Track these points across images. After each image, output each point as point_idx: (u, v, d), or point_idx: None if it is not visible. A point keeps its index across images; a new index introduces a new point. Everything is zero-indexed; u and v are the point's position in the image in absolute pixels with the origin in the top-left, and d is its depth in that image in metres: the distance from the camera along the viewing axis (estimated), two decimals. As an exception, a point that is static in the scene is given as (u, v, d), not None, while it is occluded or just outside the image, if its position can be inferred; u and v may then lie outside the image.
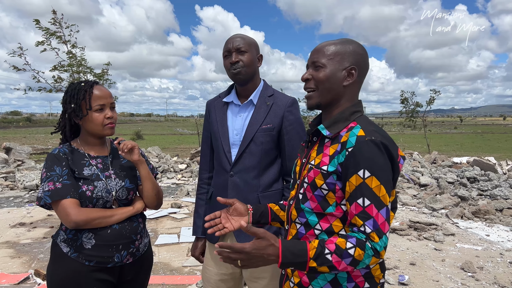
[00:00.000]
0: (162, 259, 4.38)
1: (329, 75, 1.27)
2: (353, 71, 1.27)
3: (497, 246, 4.89)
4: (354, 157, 1.15)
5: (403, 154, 1.28)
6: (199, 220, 2.00)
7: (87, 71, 7.37)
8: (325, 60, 1.27)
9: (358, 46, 1.30)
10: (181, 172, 10.69)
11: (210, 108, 1.99)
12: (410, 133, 39.22)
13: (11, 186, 8.64)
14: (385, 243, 1.10)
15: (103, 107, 1.67)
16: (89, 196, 1.61)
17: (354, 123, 1.25)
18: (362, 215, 1.12)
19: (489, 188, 7.60)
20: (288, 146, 1.84)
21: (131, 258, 1.73)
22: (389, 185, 1.15)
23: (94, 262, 1.62)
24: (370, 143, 1.15)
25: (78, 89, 1.67)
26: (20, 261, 4.28)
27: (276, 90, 1.93)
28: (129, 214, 1.71)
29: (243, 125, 1.85)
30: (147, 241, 1.86)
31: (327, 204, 1.22)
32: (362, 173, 1.13)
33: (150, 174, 1.79)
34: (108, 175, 1.71)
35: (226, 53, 1.84)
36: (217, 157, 1.92)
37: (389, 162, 1.17)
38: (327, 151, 1.24)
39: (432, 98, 16.92)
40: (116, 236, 1.65)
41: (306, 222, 1.28)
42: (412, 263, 4.26)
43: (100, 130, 1.68)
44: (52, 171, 1.59)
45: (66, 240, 1.63)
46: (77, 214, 1.54)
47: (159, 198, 1.84)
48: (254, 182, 1.83)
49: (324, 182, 1.21)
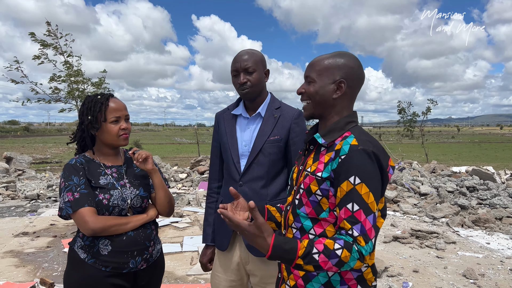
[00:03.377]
0: (166, 268, 4.38)
1: (318, 89, 1.34)
2: (342, 84, 1.32)
3: (498, 253, 4.94)
4: (346, 164, 1.20)
5: (394, 164, 1.34)
6: (209, 228, 2.04)
7: (85, 81, 7.39)
8: (315, 74, 1.35)
9: (349, 59, 1.35)
10: (182, 182, 10.71)
11: (219, 120, 2.05)
12: (408, 143, 39.33)
13: (12, 195, 8.64)
14: (370, 248, 1.15)
15: (118, 119, 1.74)
16: (106, 205, 1.67)
17: (348, 133, 1.30)
18: (351, 219, 1.16)
19: (488, 197, 7.67)
20: (294, 156, 1.89)
21: (145, 264, 1.78)
22: (377, 193, 1.20)
23: (110, 268, 1.67)
24: (362, 152, 1.20)
25: (95, 102, 1.74)
26: (25, 270, 4.29)
27: (282, 103, 1.99)
28: (143, 221, 1.77)
29: (251, 136, 1.91)
30: (160, 247, 1.91)
31: (321, 210, 1.28)
32: (353, 180, 1.18)
33: (163, 182, 1.85)
34: (123, 184, 1.76)
35: (234, 72, 1.89)
36: (227, 167, 1.97)
37: (379, 171, 1.22)
38: (323, 159, 1.30)
39: (429, 108, 17.09)
40: (131, 243, 1.71)
41: (301, 227, 1.33)
42: (415, 270, 4.30)
43: (115, 140, 1.75)
44: (70, 180, 1.65)
45: (83, 246, 1.69)
46: (95, 222, 1.60)
47: (171, 205, 1.89)
48: (263, 191, 1.88)
49: (318, 188, 1.27)
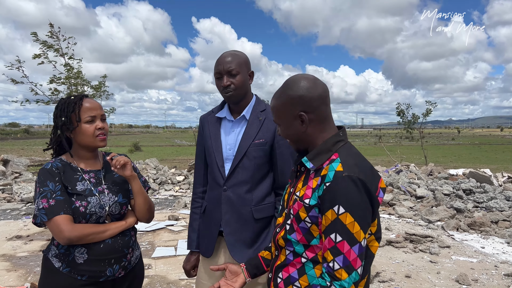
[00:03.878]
0: (159, 272, 4.38)
1: (287, 131, 1.33)
2: (303, 117, 1.27)
3: (492, 258, 4.91)
4: (330, 192, 1.17)
5: (384, 186, 1.29)
6: (194, 234, 2.02)
7: (84, 83, 7.41)
8: (276, 118, 1.35)
9: (300, 87, 1.27)
10: (179, 184, 10.69)
11: (204, 123, 2.02)
12: (407, 145, 39.31)
13: (8, 198, 8.63)
14: (355, 278, 1.14)
15: (93, 119, 1.68)
16: (83, 212, 1.61)
17: (335, 155, 1.25)
18: (334, 250, 1.15)
19: (485, 200, 7.65)
20: (280, 160, 1.87)
21: (123, 272, 1.73)
22: (364, 222, 1.16)
23: (87, 276, 1.63)
24: (347, 179, 1.16)
25: (68, 103, 1.68)
26: (16, 274, 4.28)
27: (268, 105, 1.96)
28: (122, 229, 1.72)
29: (236, 140, 1.89)
30: (138, 253, 1.87)
31: (312, 237, 1.25)
32: (337, 209, 1.15)
33: (142, 189, 1.80)
34: (101, 190, 1.71)
35: (217, 75, 1.86)
36: (211, 171, 1.95)
37: (367, 198, 1.17)
38: (311, 184, 1.26)
39: (428, 109, 17.08)
40: (109, 251, 1.66)
41: (294, 251, 1.32)
42: (408, 275, 4.28)
43: (92, 141, 1.69)
44: (45, 186, 1.59)
45: (58, 255, 1.64)
46: (71, 231, 1.54)
47: (151, 212, 1.85)
48: (247, 196, 1.85)
49: (307, 215, 1.24)
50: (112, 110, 11.91)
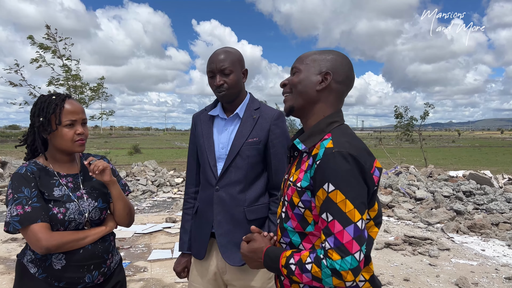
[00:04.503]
0: (154, 275, 4.32)
1: (302, 78, 1.27)
2: (328, 76, 1.24)
3: (493, 261, 4.85)
4: (320, 170, 1.11)
5: (380, 166, 1.22)
6: (185, 235, 1.98)
7: (83, 85, 7.38)
8: (302, 66, 1.28)
9: (339, 56, 1.28)
10: (177, 186, 10.65)
11: (196, 121, 1.98)
12: (407, 147, 39.27)
13: (4, 200, 8.59)
14: (350, 264, 1.03)
15: (74, 123, 1.59)
16: (61, 219, 1.53)
17: (328, 135, 1.19)
18: (325, 230, 1.08)
19: (485, 202, 7.59)
20: (274, 159, 1.83)
21: (102, 278, 1.67)
22: (358, 200, 1.07)
23: (64, 283, 1.55)
24: (336, 154, 1.10)
25: (49, 102, 1.58)
26: (10, 277, 4.22)
27: (262, 103, 1.92)
28: (101, 235, 1.65)
29: (229, 138, 1.84)
30: (118, 258, 1.81)
31: (306, 223, 1.19)
32: (327, 187, 1.08)
33: (122, 193, 1.72)
34: (80, 195, 1.63)
35: (210, 74, 1.82)
36: (203, 171, 1.90)
37: (359, 175, 1.09)
38: (303, 166, 1.21)
39: (426, 111, 17.09)
40: (88, 256, 1.59)
41: (290, 242, 1.25)
42: (406, 279, 4.22)
43: (70, 146, 1.60)
44: (20, 192, 1.49)
45: (34, 260, 1.56)
46: (48, 240, 1.45)
47: (131, 216, 1.78)
48: (240, 196, 1.81)
49: (300, 199, 1.18)
50: (111, 112, 11.87)
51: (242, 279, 1.82)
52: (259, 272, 1.82)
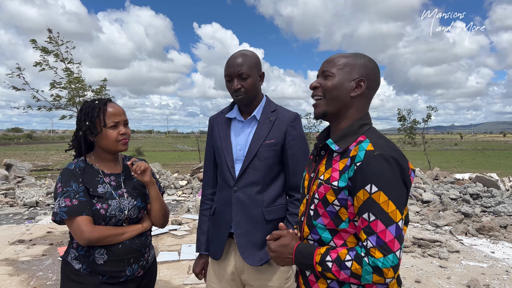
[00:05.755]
0: (162, 276, 4.31)
1: (337, 84, 1.27)
2: (362, 83, 1.26)
3: (503, 263, 4.82)
4: (362, 171, 1.14)
5: (413, 167, 1.27)
6: (203, 236, 1.98)
7: (85, 88, 7.35)
8: (335, 69, 1.28)
9: (369, 61, 1.30)
10: (182, 189, 10.64)
11: (213, 124, 1.98)
12: (410, 150, 39.20)
13: (10, 202, 8.59)
14: (392, 261, 1.07)
15: (117, 124, 1.72)
16: (103, 214, 1.64)
17: (363, 137, 1.23)
18: (367, 229, 1.11)
19: (493, 205, 7.55)
20: (291, 161, 1.83)
21: (142, 271, 1.78)
22: (399, 201, 1.12)
23: (107, 276, 1.66)
24: (379, 157, 1.13)
25: (92, 107, 1.71)
26: (19, 278, 4.21)
27: (278, 106, 1.92)
28: (138, 232, 1.76)
29: (246, 140, 1.85)
30: (153, 253, 1.90)
31: (340, 220, 1.21)
32: (369, 188, 1.12)
33: (159, 195, 1.83)
34: (121, 194, 1.74)
35: (228, 77, 1.82)
36: (221, 172, 1.90)
37: (400, 177, 1.14)
38: (337, 166, 1.23)
39: (429, 114, 17.10)
40: (127, 251, 1.70)
41: (320, 239, 1.27)
42: (417, 280, 4.19)
43: (114, 146, 1.72)
44: (69, 186, 1.62)
45: (78, 257, 1.67)
46: (91, 232, 1.57)
47: (166, 217, 1.88)
48: (258, 197, 1.81)
49: (335, 198, 1.20)
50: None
51: (260, 279, 1.82)
52: (277, 272, 1.82)
